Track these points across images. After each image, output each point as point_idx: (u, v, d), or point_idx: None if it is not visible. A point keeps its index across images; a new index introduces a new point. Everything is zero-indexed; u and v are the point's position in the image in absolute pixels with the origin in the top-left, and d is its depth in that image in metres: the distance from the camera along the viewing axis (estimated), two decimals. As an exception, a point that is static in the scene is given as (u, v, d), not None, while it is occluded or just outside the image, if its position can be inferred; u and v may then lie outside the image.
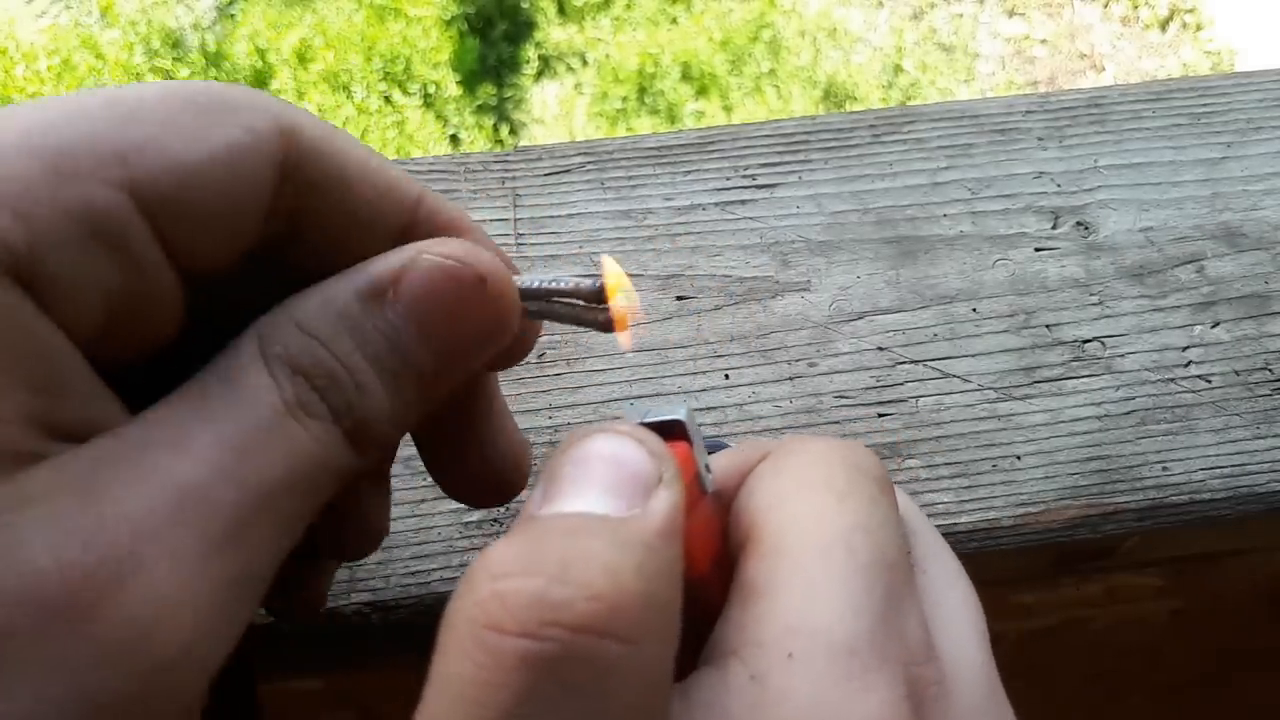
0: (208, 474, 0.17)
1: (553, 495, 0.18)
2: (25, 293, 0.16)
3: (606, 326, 0.23)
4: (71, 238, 0.17)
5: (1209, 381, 0.34)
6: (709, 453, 0.20)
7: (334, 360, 0.19)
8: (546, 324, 0.27)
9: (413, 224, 0.22)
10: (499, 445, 0.25)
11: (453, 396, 0.22)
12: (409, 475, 0.31)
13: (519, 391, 0.33)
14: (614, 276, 0.23)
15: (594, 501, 0.17)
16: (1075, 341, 0.35)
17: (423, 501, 0.31)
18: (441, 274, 0.20)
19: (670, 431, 0.19)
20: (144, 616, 0.16)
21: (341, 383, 0.19)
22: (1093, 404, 0.34)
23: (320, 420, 0.19)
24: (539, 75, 2.27)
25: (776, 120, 0.39)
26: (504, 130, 2.18)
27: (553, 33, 2.31)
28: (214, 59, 2.16)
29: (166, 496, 0.16)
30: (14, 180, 0.17)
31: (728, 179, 0.37)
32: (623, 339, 0.24)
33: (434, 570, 0.30)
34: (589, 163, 0.37)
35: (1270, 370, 0.34)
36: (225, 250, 0.19)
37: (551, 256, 0.36)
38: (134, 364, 0.19)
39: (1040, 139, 0.39)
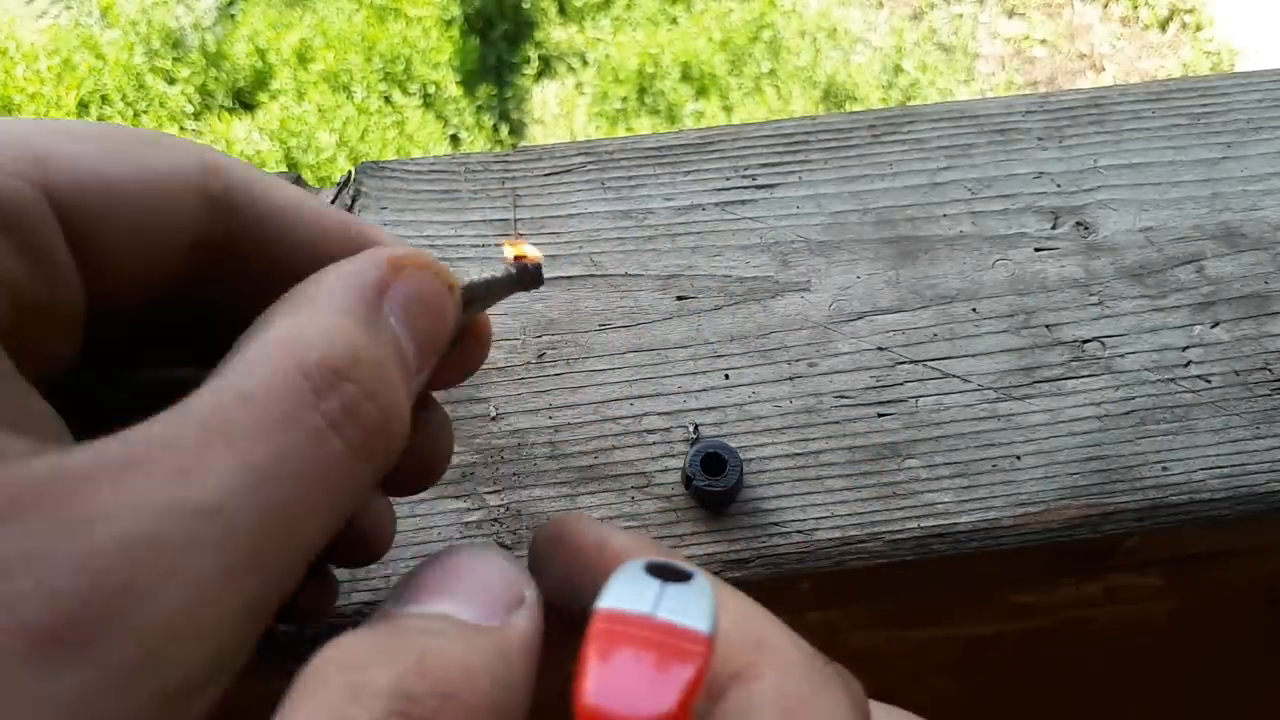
0: (226, 498, 0.16)
1: (413, 597, 0.17)
2: None
3: (527, 278, 0.24)
4: None
5: (1209, 381, 0.34)
6: (658, 576, 0.18)
7: (375, 369, 0.18)
8: (546, 330, 0.27)
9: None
10: (430, 434, 0.24)
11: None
12: (409, 475, 0.31)
13: (519, 391, 0.33)
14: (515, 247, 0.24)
15: (456, 607, 0.17)
16: (1075, 341, 0.35)
17: (422, 501, 0.31)
18: (427, 278, 0.20)
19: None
20: (154, 641, 0.15)
21: (380, 392, 0.18)
22: (1092, 404, 0.34)
23: (362, 433, 0.18)
24: (539, 75, 2.27)
25: (776, 120, 0.39)
26: (504, 130, 2.18)
27: (553, 33, 2.31)
28: (214, 59, 2.16)
29: (179, 520, 0.15)
30: None
31: (728, 179, 0.37)
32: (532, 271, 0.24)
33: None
34: (589, 163, 0.37)
35: (1270, 370, 0.34)
36: (145, 271, 0.19)
37: (551, 256, 0.36)
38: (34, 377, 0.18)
39: (1040, 139, 0.39)
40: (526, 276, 0.24)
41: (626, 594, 0.17)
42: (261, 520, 0.16)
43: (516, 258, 0.24)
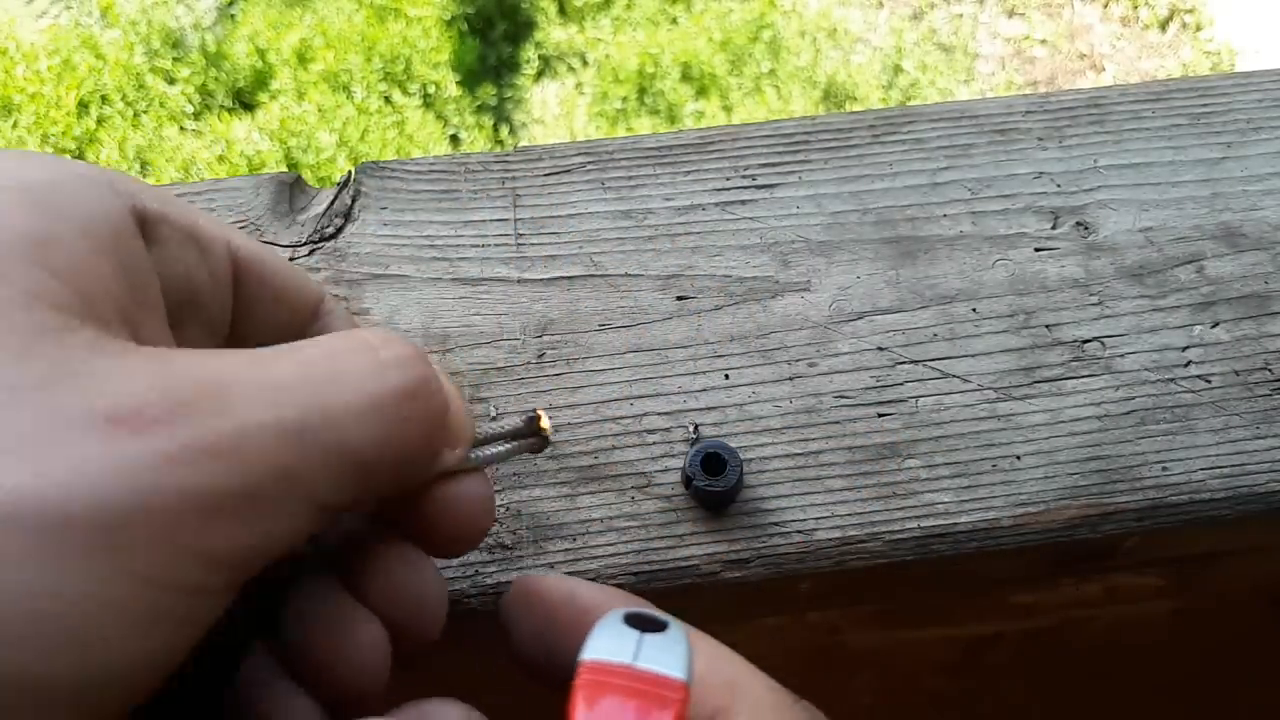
0: (288, 378, 0.20)
1: None
2: (140, 236, 0.21)
3: (538, 448, 0.27)
4: (184, 234, 0.22)
5: (1209, 381, 0.34)
6: (637, 626, 0.19)
7: (427, 360, 0.23)
8: (546, 330, 0.31)
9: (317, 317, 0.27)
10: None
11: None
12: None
13: (519, 392, 0.33)
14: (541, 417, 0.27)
15: None
16: (1075, 341, 0.35)
17: (423, 501, 0.31)
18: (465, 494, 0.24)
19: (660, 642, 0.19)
20: (237, 433, 0.19)
21: (435, 376, 0.23)
22: (1092, 404, 0.34)
23: (413, 378, 0.22)
24: (539, 75, 2.27)
25: (776, 120, 0.39)
26: (504, 130, 2.18)
27: (553, 33, 2.31)
28: (214, 59, 2.16)
29: (245, 378, 0.20)
30: (160, 196, 0.22)
31: (728, 179, 0.37)
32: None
33: (434, 570, 0.30)
34: (589, 163, 0.37)
35: (1270, 370, 0.34)
36: (262, 326, 0.26)
37: (551, 257, 0.36)
38: None
39: (1040, 139, 0.39)
40: (539, 442, 0.27)
41: (607, 645, 0.18)
42: (315, 401, 0.20)
43: (534, 421, 0.27)
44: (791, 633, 0.38)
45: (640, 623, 0.19)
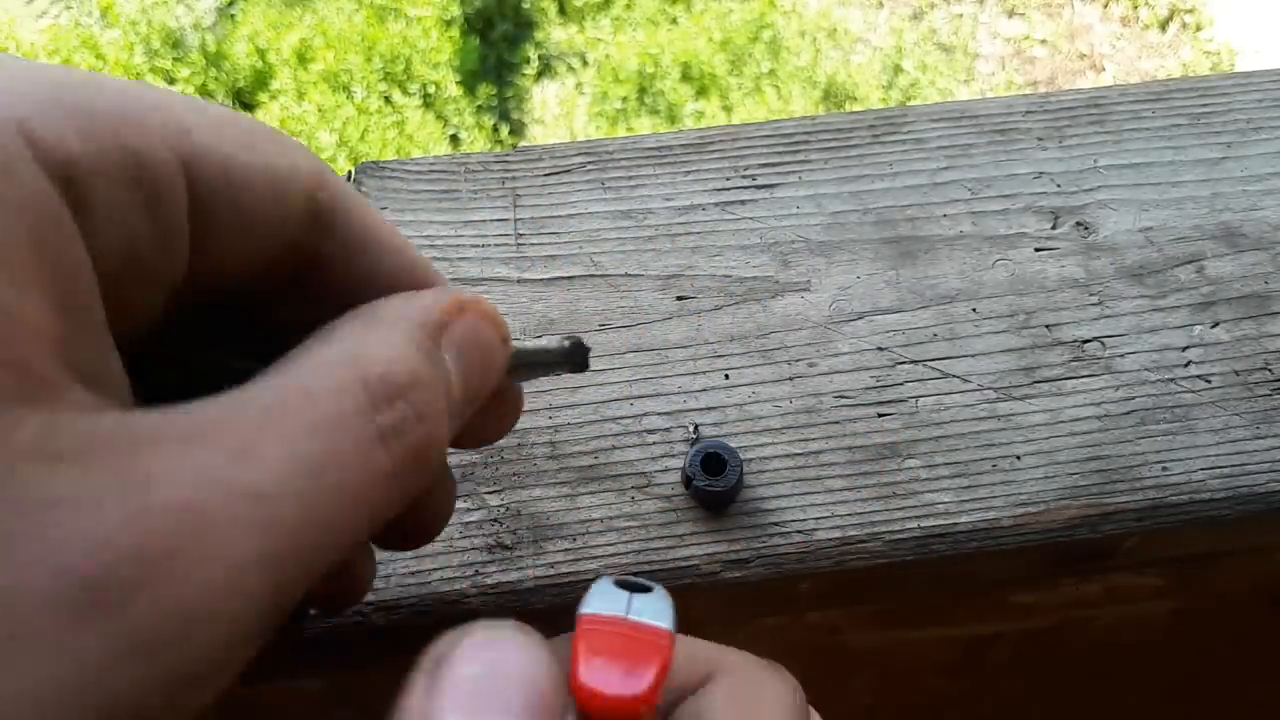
0: (275, 485, 0.16)
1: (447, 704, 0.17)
2: (69, 209, 0.16)
3: (578, 356, 0.26)
4: (121, 173, 0.17)
5: (1209, 381, 0.34)
6: (626, 589, 0.21)
7: (428, 394, 0.19)
8: (546, 330, 0.31)
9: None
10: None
11: None
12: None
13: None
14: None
15: None
16: (1075, 341, 0.35)
17: (423, 501, 0.31)
18: (485, 326, 0.21)
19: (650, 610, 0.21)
20: (185, 616, 0.15)
21: (429, 416, 0.19)
22: (1092, 404, 0.34)
23: (407, 452, 0.18)
24: (539, 75, 2.27)
25: (776, 120, 0.39)
26: (504, 130, 2.18)
27: (553, 33, 2.31)
28: (214, 59, 2.16)
29: (229, 499, 0.15)
30: (84, 104, 0.17)
31: (728, 179, 0.37)
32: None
33: (434, 570, 0.30)
34: (589, 163, 0.37)
35: (1270, 370, 0.34)
36: (244, 259, 0.20)
37: (551, 257, 0.36)
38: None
39: (1040, 139, 0.39)
40: (578, 354, 0.25)
41: (602, 602, 0.21)
42: (303, 514, 0.16)
43: (571, 339, 0.26)
44: (791, 633, 0.38)
45: (629, 586, 0.21)
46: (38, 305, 0.15)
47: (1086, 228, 0.37)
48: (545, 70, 2.26)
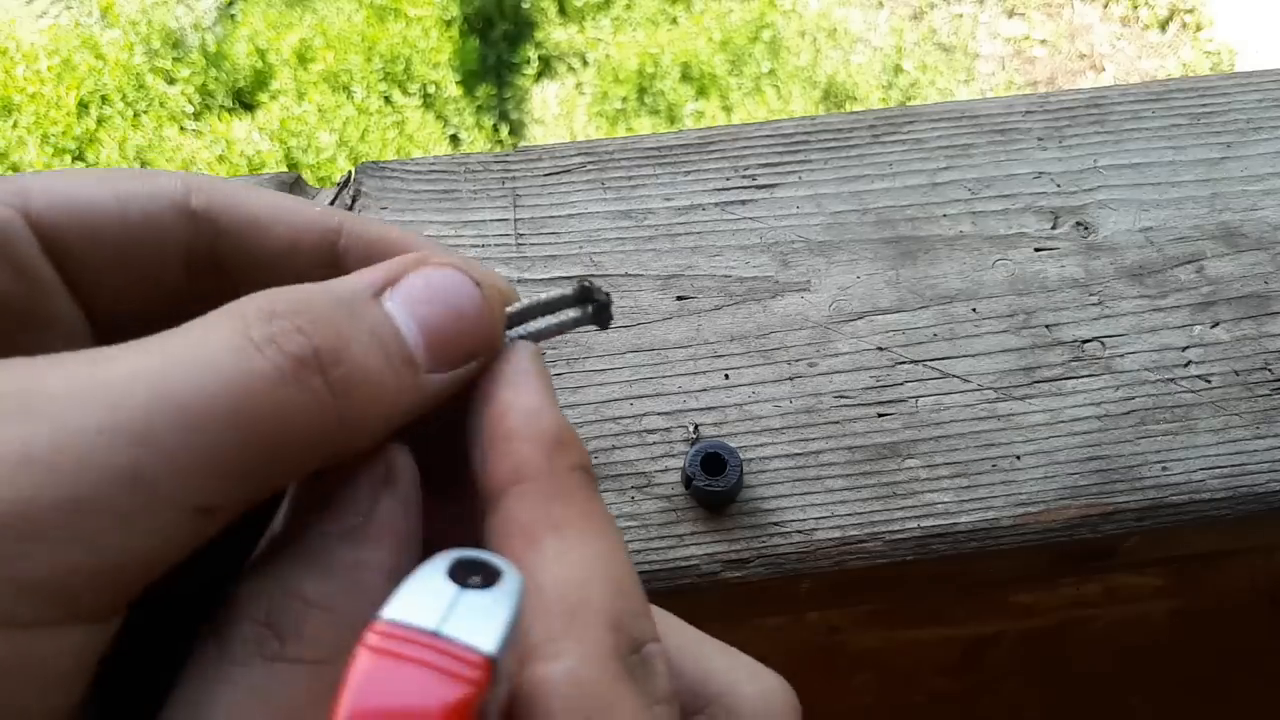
0: (123, 377, 0.16)
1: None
2: None
3: (600, 318, 0.23)
4: None
5: (1209, 381, 0.34)
6: (462, 577, 0.17)
7: (317, 313, 0.18)
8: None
9: (341, 252, 0.22)
10: None
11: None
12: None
13: (519, 391, 0.33)
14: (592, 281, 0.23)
15: (322, 523, 0.19)
16: (1075, 341, 0.35)
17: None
18: (441, 276, 0.20)
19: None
20: (17, 537, 0.15)
21: (317, 331, 0.18)
22: (1092, 404, 0.34)
23: (290, 359, 0.18)
24: (539, 75, 2.27)
25: (776, 120, 0.39)
26: (504, 130, 2.18)
27: (553, 33, 2.31)
28: (214, 59, 2.16)
29: (82, 385, 0.16)
30: None
31: (728, 179, 0.37)
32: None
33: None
34: (589, 163, 0.37)
35: (1270, 370, 0.34)
36: (143, 286, 0.20)
37: (551, 256, 0.36)
38: None
39: (1040, 139, 0.39)
40: (590, 300, 0.23)
41: (416, 601, 0.16)
42: (150, 393, 0.16)
43: (584, 284, 0.23)
44: (791, 633, 0.38)
45: (467, 569, 0.17)
46: None
47: (1086, 228, 0.37)
48: (545, 70, 2.26)
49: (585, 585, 0.18)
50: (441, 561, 0.17)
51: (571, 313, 0.23)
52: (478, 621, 0.16)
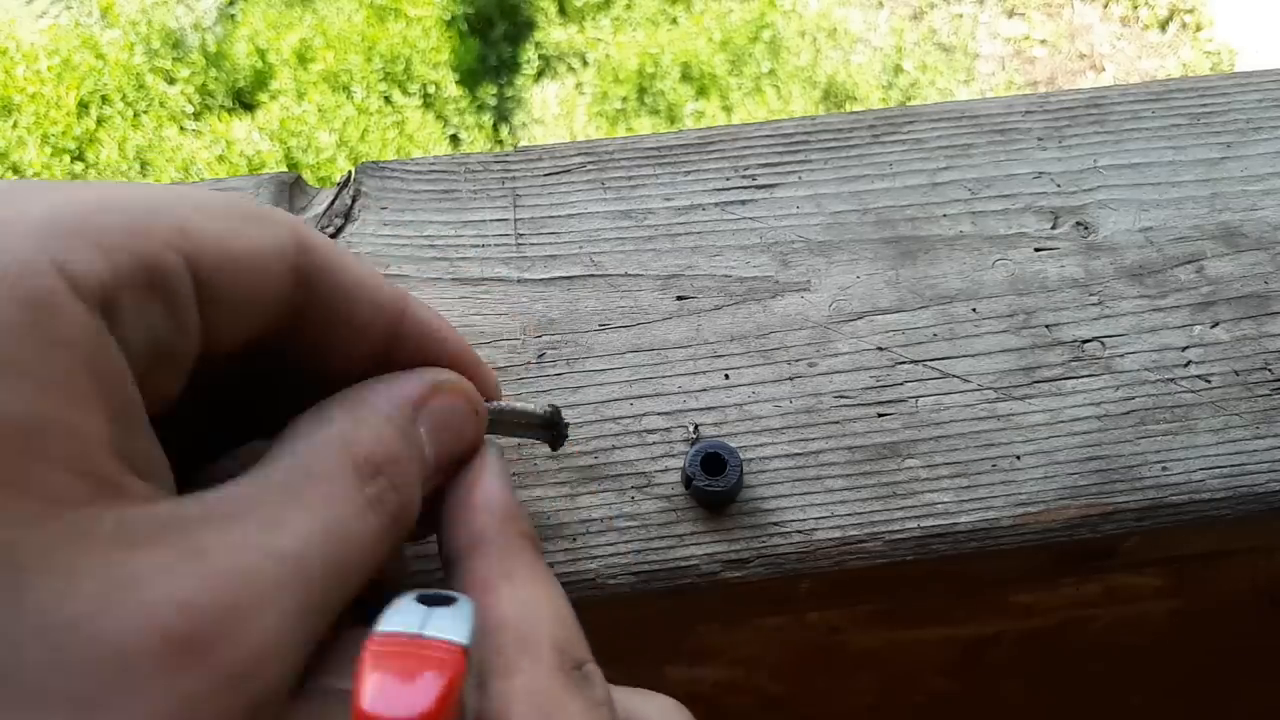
0: (305, 549, 0.20)
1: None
2: (105, 324, 0.19)
3: (555, 429, 0.30)
4: (140, 284, 0.19)
5: (1208, 381, 0.34)
6: (428, 604, 0.21)
7: (403, 467, 0.23)
8: (545, 332, 0.34)
9: (398, 333, 0.25)
10: None
11: None
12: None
13: (519, 392, 0.33)
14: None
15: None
16: (1075, 341, 0.35)
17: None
18: (458, 402, 0.25)
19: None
20: (255, 655, 0.18)
21: (403, 486, 0.23)
22: (1092, 404, 0.34)
23: (389, 515, 0.22)
24: (539, 75, 2.27)
25: (776, 120, 0.39)
26: (504, 130, 2.18)
27: (553, 33, 2.31)
28: (214, 59, 2.16)
29: (273, 563, 0.19)
30: (98, 229, 0.19)
31: (728, 179, 0.37)
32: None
33: (434, 570, 0.30)
34: (589, 163, 0.37)
35: (1270, 370, 0.34)
36: (242, 329, 0.23)
37: (551, 256, 0.36)
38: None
39: (1040, 139, 0.39)
40: (554, 423, 0.30)
41: (397, 619, 0.20)
42: (325, 568, 0.20)
43: (553, 412, 0.29)
44: (791, 633, 0.38)
45: (430, 600, 0.21)
46: (99, 423, 0.18)
47: (1086, 228, 0.37)
48: (545, 70, 2.26)
49: (533, 619, 0.23)
50: (411, 594, 0.21)
51: (537, 429, 0.29)
52: (447, 625, 0.20)
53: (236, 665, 0.18)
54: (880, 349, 0.34)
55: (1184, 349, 0.35)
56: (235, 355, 0.23)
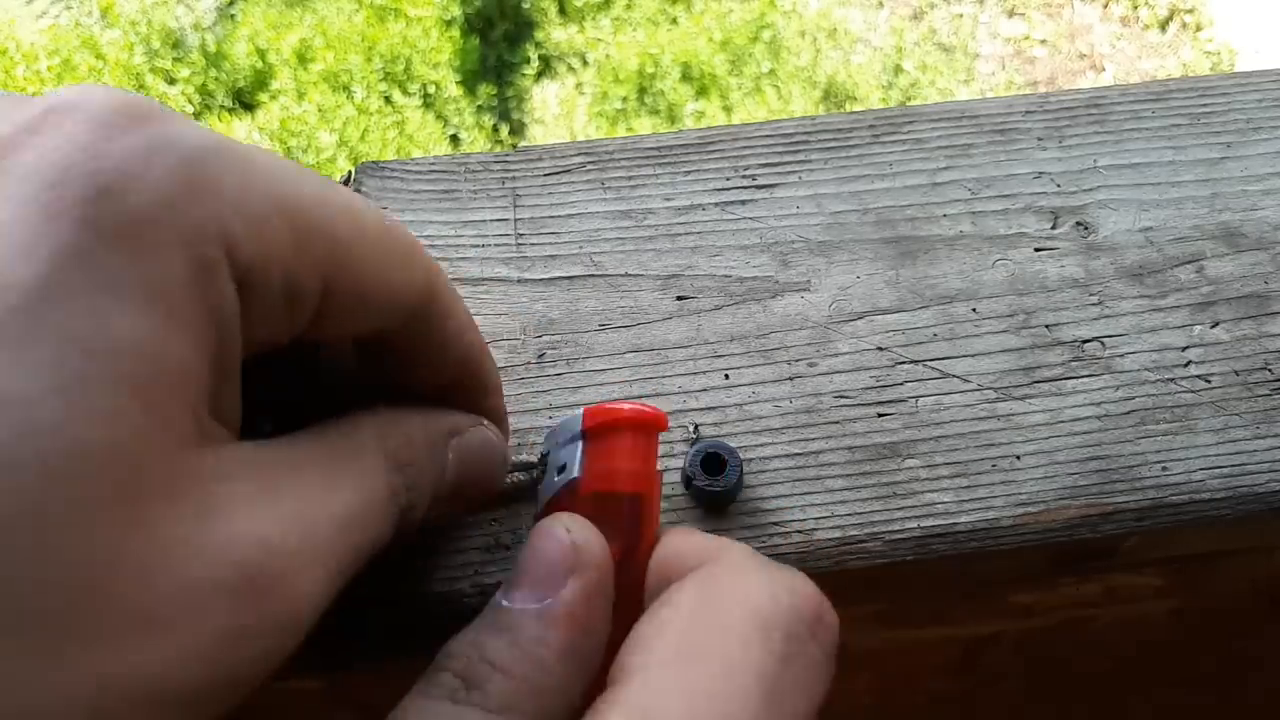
0: (349, 515, 0.22)
1: (507, 584, 0.24)
2: (238, 297, 0.21)
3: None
4: (279, 293, 0.22)
5: (1209, 381, 0.34)
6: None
7: (422, 471, 0.25)
8: (545, 332, 0.34)
9: (459, 376, 0.28)
10: None
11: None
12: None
13: (519, 391, 0.33)
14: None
15: (523, 597, 0.24)
16: (1075, 341, 0.35)
17: (423, 501, 0.31)
18: (487, 446, 0.28)
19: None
20: (295, 610, 0.20)
21: (419, 487, 0.25)
22: (1092, 404, 0.34)
23: (399, 510, 0.24)
24: (539, 75, 2.27)
25: (776, 120, 0.39)
26: (504, 130, 2.18)
27: (553, 33, 2.31)
28: (214, 59, 2.16)
29: (328, 522, 0.22)
30: (271, 233, 0.21)
31: (728, 179, 0.37)
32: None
33: (434, 570, 0.30)
34: (589, 163, 0.37)
35: (1270, 370, 0.34)
36: (331, 340, 0.26)
37: (551, 256, 0.36)
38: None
39: (1040, 139, 0.39)
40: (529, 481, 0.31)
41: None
42: (359, 541, 0.23)
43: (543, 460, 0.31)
44: (791, 633, 0.37)
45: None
46: (212, 375, 0.21)
47: (1086, 228, 0.37)
48: (545, 70, 2.26)
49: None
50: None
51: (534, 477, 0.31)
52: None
53: (282, 613, 0.20)
54: (880, 349, 0.34)
55: (1184, 349, 0.35)
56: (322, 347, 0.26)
